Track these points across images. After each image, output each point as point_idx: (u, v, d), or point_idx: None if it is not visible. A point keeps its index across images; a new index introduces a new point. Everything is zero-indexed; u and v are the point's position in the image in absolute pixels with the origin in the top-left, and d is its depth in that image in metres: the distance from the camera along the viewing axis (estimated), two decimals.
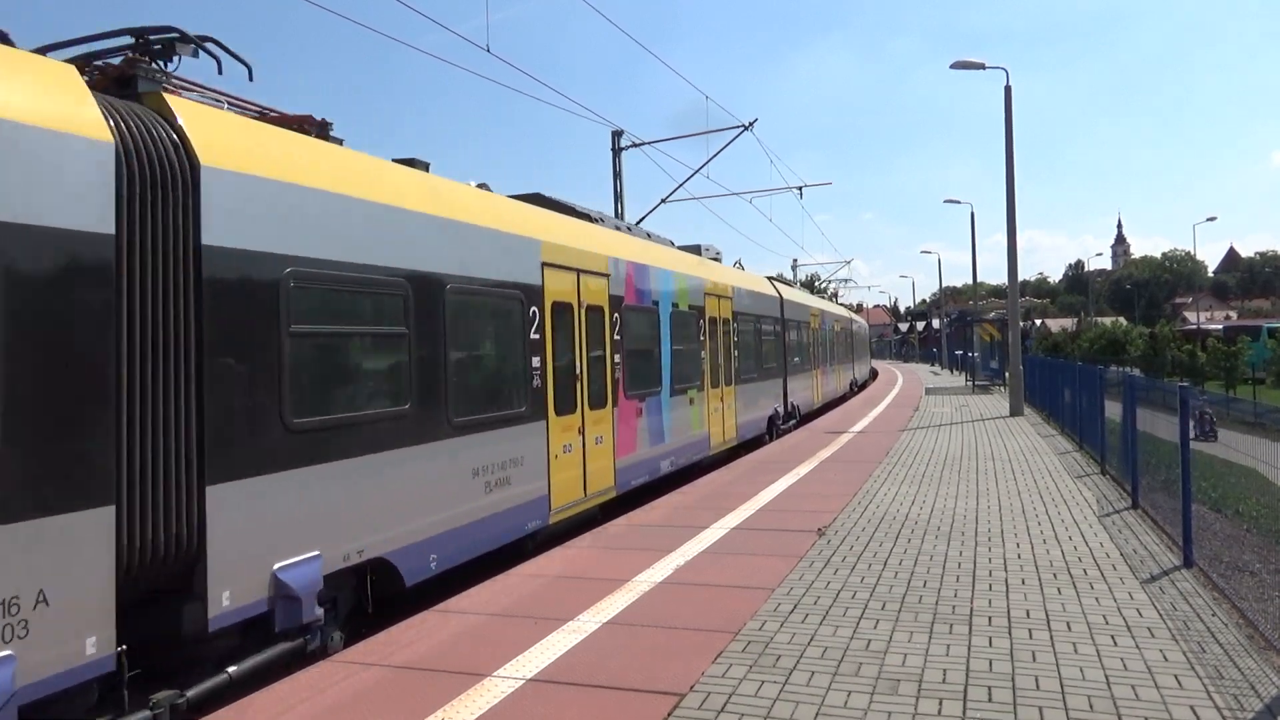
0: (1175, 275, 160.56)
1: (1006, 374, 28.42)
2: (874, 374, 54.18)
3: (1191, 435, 7.94)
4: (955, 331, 60.80)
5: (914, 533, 9.13)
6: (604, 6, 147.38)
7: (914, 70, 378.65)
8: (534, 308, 9.71)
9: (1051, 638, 5.87)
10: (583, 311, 10.98)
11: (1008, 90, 24.38)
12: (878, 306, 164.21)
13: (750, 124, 26.92)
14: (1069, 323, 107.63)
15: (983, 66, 24.24)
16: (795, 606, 6.70)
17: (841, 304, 44.07)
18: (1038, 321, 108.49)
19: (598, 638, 6.12)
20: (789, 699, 4.99)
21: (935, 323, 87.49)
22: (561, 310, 10.41)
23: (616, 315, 11.98)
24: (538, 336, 9.76)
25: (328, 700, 5.20)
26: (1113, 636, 5.86)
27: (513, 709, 4.96)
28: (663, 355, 13.87)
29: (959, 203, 46.44)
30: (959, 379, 43.38)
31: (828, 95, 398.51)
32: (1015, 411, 23.22)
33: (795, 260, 66.61)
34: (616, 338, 11.94)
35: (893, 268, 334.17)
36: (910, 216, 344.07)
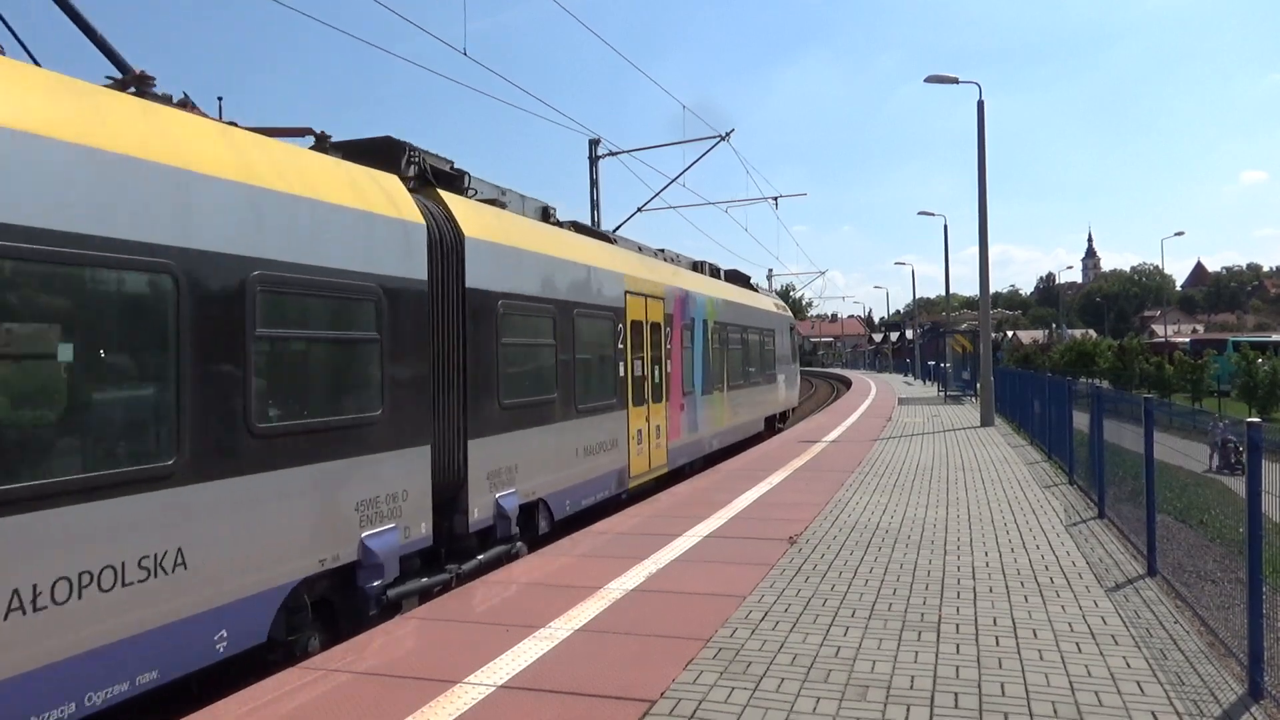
0: (1144, 289, 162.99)
1: (978, 385, 28.73)
2: (847, 385, 54.48)
3: (1212, 467, 8.06)
4: (928, 343, 61.41)
5: (885, 541, 9.21)
6: (590, 18, 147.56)
7: (896, 87, 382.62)
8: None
9: (1018, 644, 5.95)
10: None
11: (980, 105, 24.69)
12: (852, 317, 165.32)
13: (727, 134, 27.13)
14: (1040, 335, 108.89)
15: (956, 81, 24.54)
16: (766, 614, 6.74)
17: (773, 297, 30.68)
18: (1009, 333, 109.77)
19: (569, 645, 6.13)
20: (758, 705, 5.02)
21: (909, 334, 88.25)
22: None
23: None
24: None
25: (295, 704, 5.17)
26: (1077, 643, 5.94)
27: (483, 715, 4.96)
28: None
29: (933, 215, 46.78)
30: (931, 389, 43.74)
31: (811, 109, 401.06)
32: (986, 422, 23.46)
33: (770, 270, 66.88)
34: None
35: (868, 280, 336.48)
36: (887, 230, 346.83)
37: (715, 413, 18.52)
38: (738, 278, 24.10)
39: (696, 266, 19.44)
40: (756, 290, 26.23)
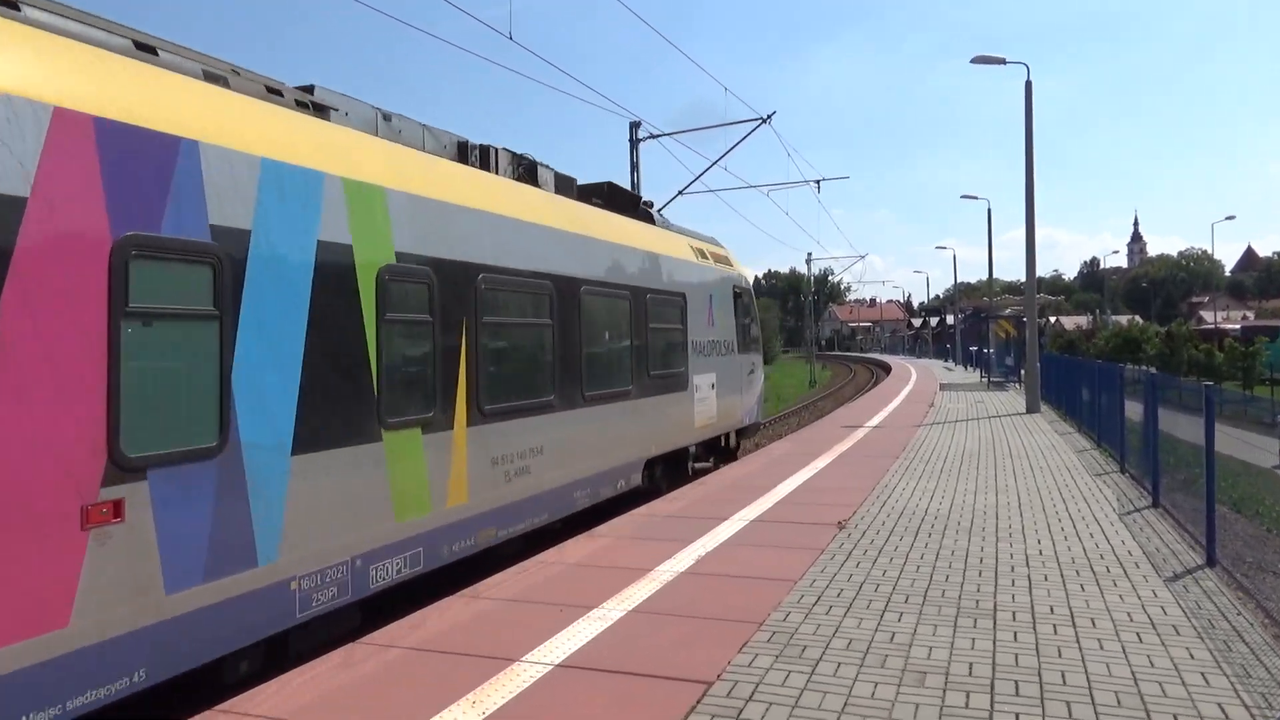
0: (1192, 274, 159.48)
1: (1022, 371, 28.34)
2: (873, 378, 54.02)
3: None
4: (970, 328, 60.66)
5: (934, 527, 9.14)
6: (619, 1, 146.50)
7: (932, 67, 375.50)
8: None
9: (1076, 633, 5.88)
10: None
11: (1028, 86, 24.26)
12: (891, 302, 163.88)
13: (768, 117, 26.87)
14: (1083, 320, 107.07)
15: (1003, 62, 24.10)
16: (819, 599, 6.73)
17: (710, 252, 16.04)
18: (1052, 319, 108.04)
19: (623, 625, 6.16)
20: (816, 689, 5.02)
21: (949, 319, 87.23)
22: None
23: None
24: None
25: (356, 679, 5.26)
26: (1137, 634, 5.86)
27: (543, 693, 5.01)
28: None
29: (976, 198, 45.99)
30: (973, 375, 43.24)
31: (845, 91, 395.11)
32: (1031, 409, 23.15)
33: (810, 254, 66.33)
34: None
35: (906, 264, 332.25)
36: (925, 213, 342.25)
37: (419, 476, 7.74)
38: (617, 198, 13.65)
39: (472, 155, 9.80)
40: (654, 224, 14.35)
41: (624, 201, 13.86)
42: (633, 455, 11.83)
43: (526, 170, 10.85)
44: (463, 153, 9.68)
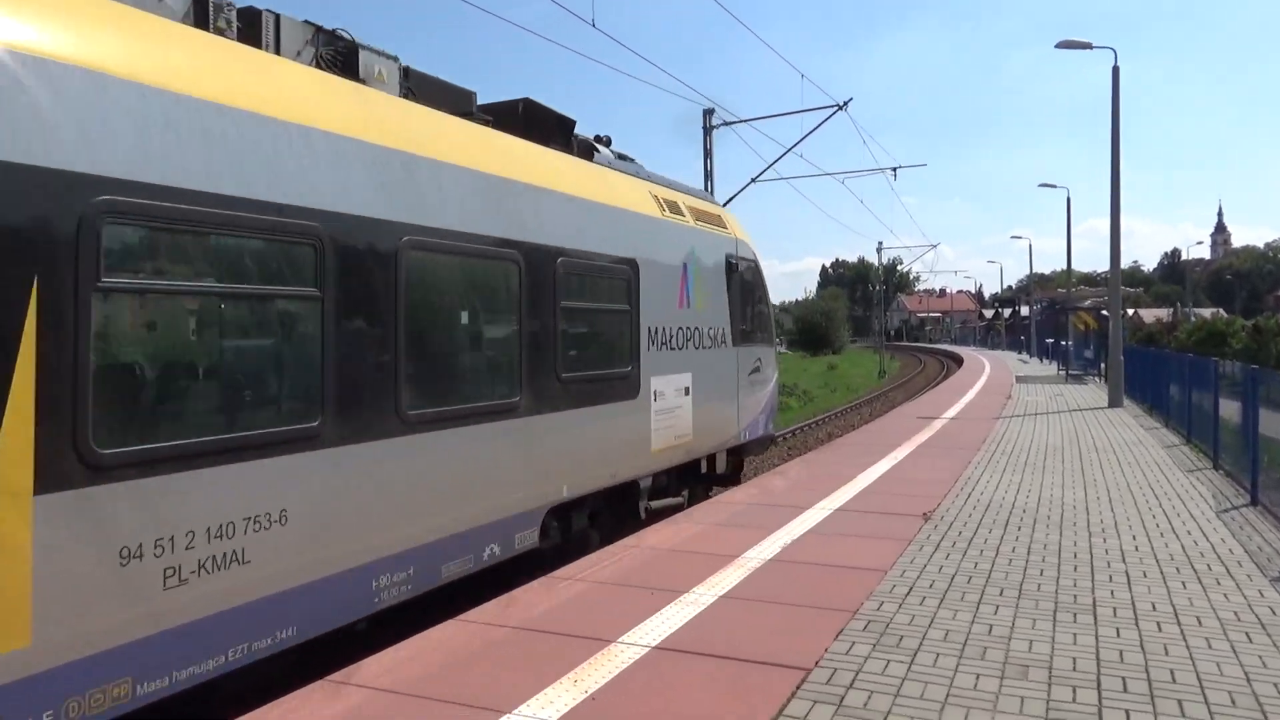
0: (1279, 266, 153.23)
1: (1102, 364, 27.60)
2: (957, 363, 53.07)
3: None
4: (1045, 319, 59.25)
5: (1023, 521, 8.99)
6: None
7: (1009, 52, 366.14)
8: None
9: (1182, 631, 5.75)
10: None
11: (1115, 71, 23.51)
12: (961, 292, 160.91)
13: (845, 104, 26.55)
14: (1163, 313, 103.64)
15: (1089, 46, 23.39)
16: (911, 589, 6.69)
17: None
18: (1130, 311, 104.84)
19: (716, 610, 6.20)
20: (917, 679, 5.00)
21: (1023, 310, 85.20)
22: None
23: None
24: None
25: (458, 655, 5.39)
26: (1246, 633, 5.71)
27: (642, 673, 5.08)
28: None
29: (1055, 187, 44.84)
30: (1049, 368, 42.23)
31: (918, 76, 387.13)
32: (1114, 403, 22.54)
33: (880, 243, 65.32)
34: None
35: (978, 254, 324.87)
36: (999, 202, 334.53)
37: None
38: (537, 123, 9.50)
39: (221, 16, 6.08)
40: (597, 160, 10.28)
41: (546, 126, 9.51)
42: (520, 502, 7.75)
43: (341, 55, 7.05)
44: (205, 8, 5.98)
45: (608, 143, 10.96)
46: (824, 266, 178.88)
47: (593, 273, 8.98)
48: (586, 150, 10.13)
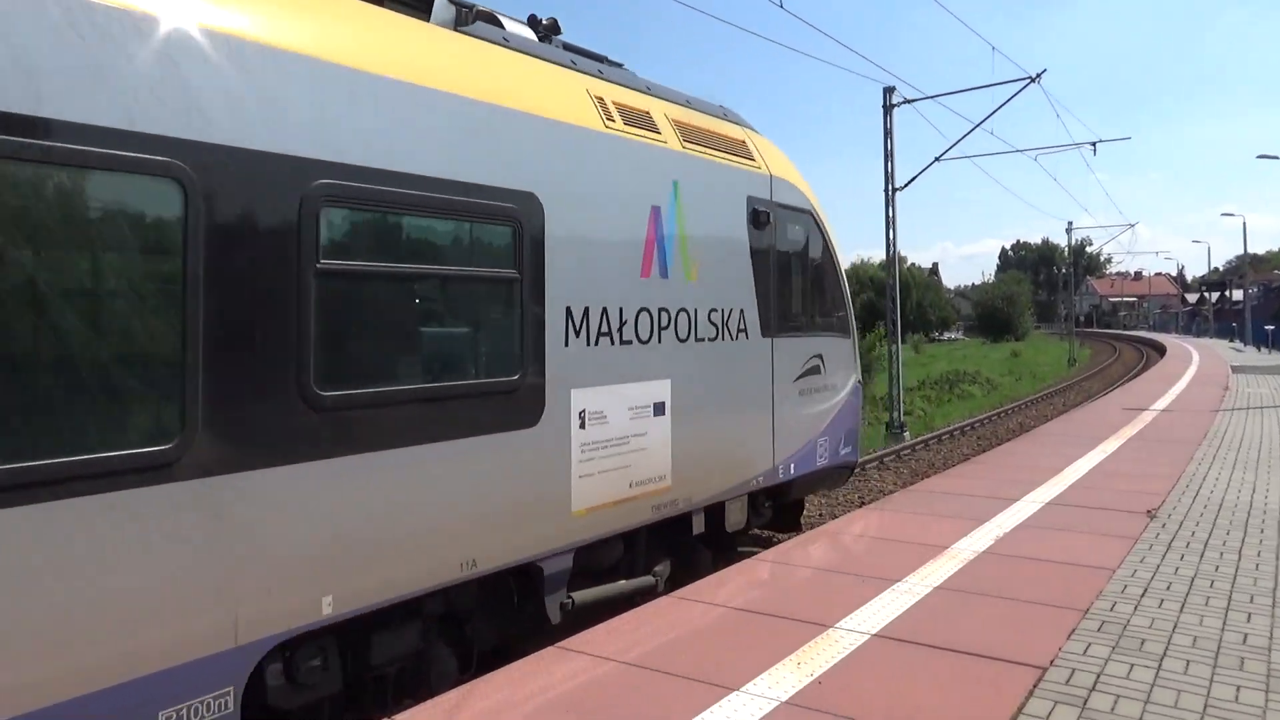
0: None
1: None
2: (1159, 352, 49.34)
3: None
4: (1263, 304, 54.21)
5: (1265, 523, 8.25)
6: None
7: (1221, 10, 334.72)
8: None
9: None
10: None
11: None
12: (1160, 275, 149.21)
13: (1038, 75, 25.05)
14: None
15: None
16: (1145, 590, 6.26)
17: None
18: None
19: (933, 601, 6.02)
20: (1167, 686, 4.67)
21: (1235, 294, 78.16)
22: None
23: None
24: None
25: (682, 633, 5.47)
26: None
27: (867, 661, 5.00)
28: None
29: (1276, 158, 40.65)
30: (1270, 358, 38.60)
31: (1117, 42, 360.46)
32: None
33: (1070, 223, 61.30)
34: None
35: (1175, 233, 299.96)
36: (1202, 176, 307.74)
37: None
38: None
39: None
40: (487, 30, 6.48)
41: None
42: (201, 629, 4.12)
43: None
44: None
45: (551, 27, 7.47)
46: (1004, 248, 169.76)
47: (412, 209, 5.26)
48: (494, 21, 6.77)
